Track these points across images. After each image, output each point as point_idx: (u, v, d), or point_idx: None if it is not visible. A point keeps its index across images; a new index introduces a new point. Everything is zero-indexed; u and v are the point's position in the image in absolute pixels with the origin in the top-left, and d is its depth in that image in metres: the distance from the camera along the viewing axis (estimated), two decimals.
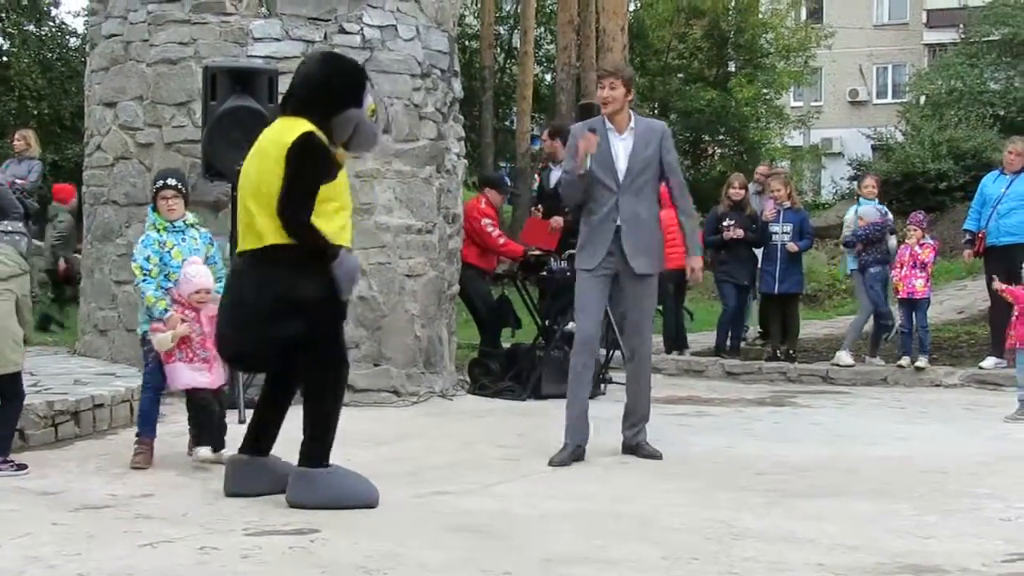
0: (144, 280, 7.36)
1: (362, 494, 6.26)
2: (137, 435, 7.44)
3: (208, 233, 7.71)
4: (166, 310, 7.23)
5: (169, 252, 7.39)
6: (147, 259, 7.37)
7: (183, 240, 7.45)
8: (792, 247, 13.19)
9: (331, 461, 6.34)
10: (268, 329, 6.15)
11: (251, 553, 5.33)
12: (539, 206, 12.64)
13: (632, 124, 7.95)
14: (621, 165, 7.84)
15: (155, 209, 7.51)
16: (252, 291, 6.20)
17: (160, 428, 7.60)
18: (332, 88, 6.33)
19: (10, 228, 7.70)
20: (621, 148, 7.86)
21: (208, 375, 7.24)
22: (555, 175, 11.69)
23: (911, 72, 40.71)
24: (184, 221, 7.52)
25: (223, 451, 7.27)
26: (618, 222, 7.80)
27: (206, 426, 7.38)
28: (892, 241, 13.15)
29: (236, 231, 6.57)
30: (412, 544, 5.51)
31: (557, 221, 11.61)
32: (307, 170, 6.11)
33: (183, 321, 7.15)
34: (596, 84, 8.17)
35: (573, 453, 7.83)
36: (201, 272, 7.24)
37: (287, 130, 6.19)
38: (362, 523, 5.94)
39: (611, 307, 8.89)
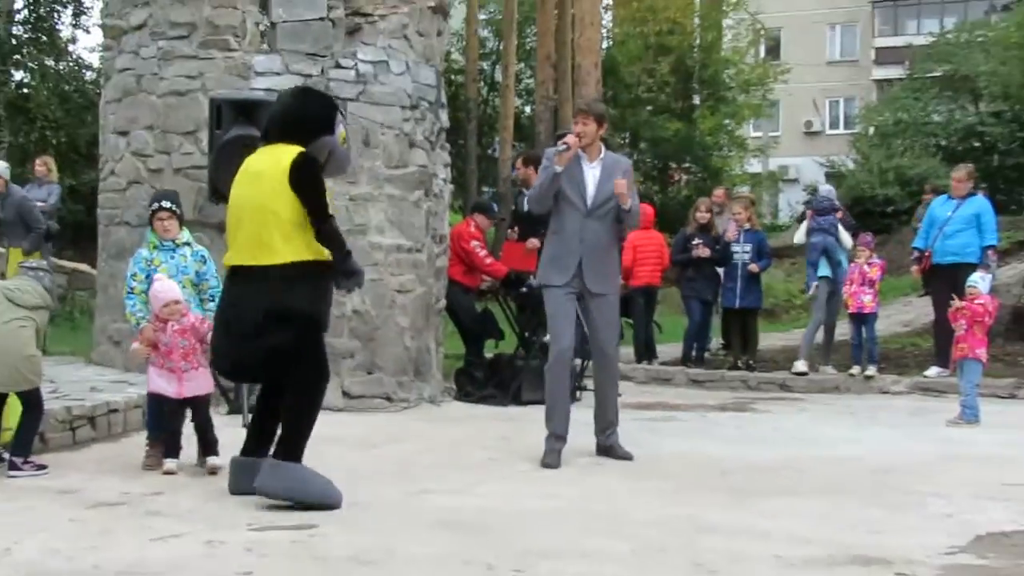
0: (128, 296, 7.41)
1: (325, 494, 6.18)
2: (147, 439, 7.44)
3: (201, 251, 7.66)
4: (138, 324, 7.27)
5: (156, 269, 7.36)
6: (133, 276, 7.39)
7: (172, 258, 7.42)
8: (753, 268, 13.27)
9: (309, 460, 6.31)
10: (257, 339, 6.16)
11: (254, 547, 5.33)
12: (514, 228, 12.67)
13: (601, 156, 7.99)
14: (590, 191, 7.86)
15: (152, 228, 7.50)
16: (246, 306, 6.21)
17: None
18: (308, 118, 6.38)
19: (34, 265, 7.67)
20: (590, 176, 7.89)
21: (174, 385, 7.16)
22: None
23: (861, 105, 40.95)
24: (175, 241, 7.48)
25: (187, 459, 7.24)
26: (582, 244, 7.83)
27: (169, 437, 7.25)
28: (845, 236, 13.18)
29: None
30: (402, 538, 5.52)
31: (532, 243, 11.60)
32: (317, 183, 6.21)
33: (155, 331, 7.12)
34: (572, 119, 8.18)
35: (559, 448, 7.83)
36: (165, 287, 7.17)
37: (281, 155, 6.22)
38: (356, 519, 5.94)
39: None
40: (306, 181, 6.16)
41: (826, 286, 13.09)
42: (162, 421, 7.37)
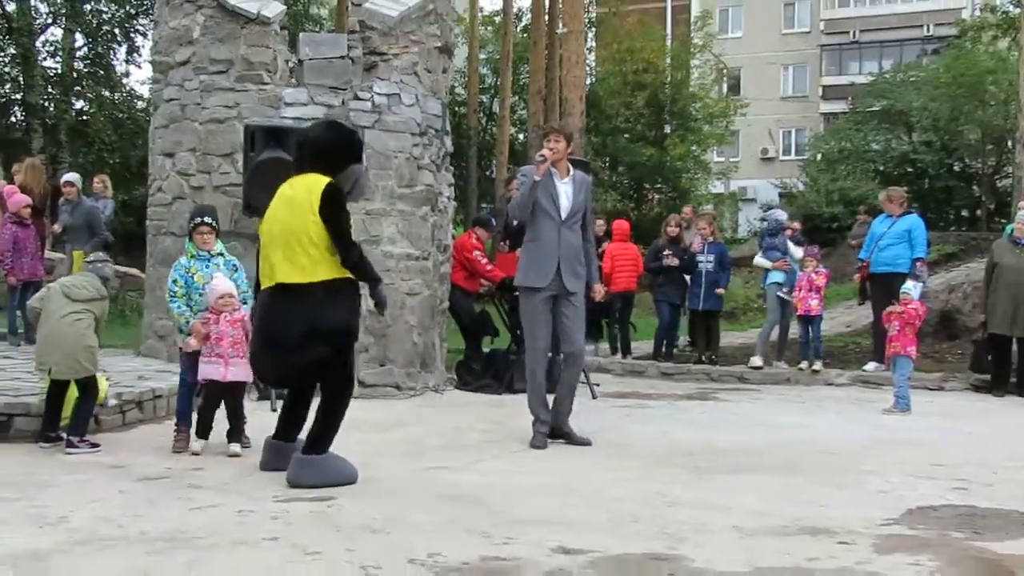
0: (172, 299, 7.27)
1: (346, 474, 6.14)
2: (176, 425, 7.33)
3: (233, 260, 7.52)
4: (187, 322, 7.17)
5: (193, 276, 7.25)
6: (174, 282, 7.26)
7: (207, 267, 7.28)
8: (720, 291, 13.36)
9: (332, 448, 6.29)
10: (295, 355, 6.06)
11: (280, 515, 5.32)
12: (506, 241, 12.69)
13: (571, 173, 7.97)
14: (564, 203, 7.83)
15: (191, 240, 7.38)
16: (284, 322, 6.07)
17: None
18: (339, 149, 6.30)
19: (93, 258, 7.62)
20: (562, 190, 7.86)
21: (221, 369, 7.06)
22: None
23: (810, 135, 40.88)
24: (211, 252, 7.35)
25: (207, 442, 7.15)
26: (559, 249, 7.79)
27: (202, 419, 7.18)
28: (795, 250, 13.18)
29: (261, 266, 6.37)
30: (410, 509, 5.51)
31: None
32: (343, 214, 6.12)
33: (203, 325, 7.07)
34: (543, 138, 8.09)
35: (545, 431, 7.79)
36: (221, 282, 7.14)
37: (314, 184, 6.11)
38: (370, 492, 5.93)
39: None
40: (334, 213, 6.05)
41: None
42: (190, 410, 7.28)
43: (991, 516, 5.72)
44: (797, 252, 13.12)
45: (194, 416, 7.26)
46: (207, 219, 7.37)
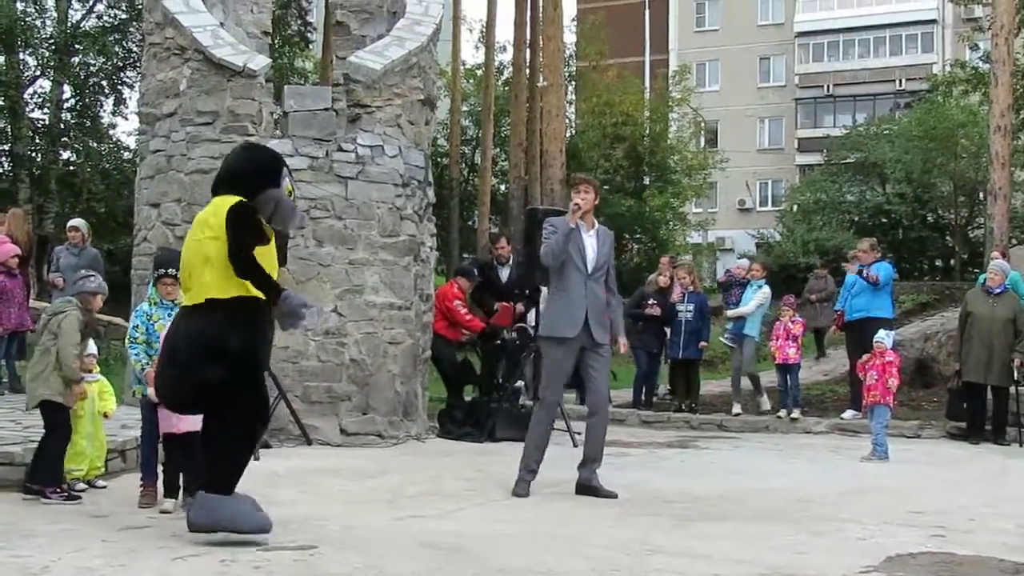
0: (131, 345, 6.91)
1: (247, 522, 5.70)
2: (141, 479, 6.93)
3: None
4: (143, 369, 6.77)
5: (154, 324, 6.86)
6: (135, 328, 6.93)
7: (169, 315, 6.69)
8: (703, 345, 13.40)
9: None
10: (188, 374, 5.74)
11: (262, 565, 5.26)
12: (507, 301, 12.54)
13: (595, 227, 7.94)
14: (590, 255, 7.77)
15: (155, 287, 7.02)
16: (184, 340, 5.80)
17: None
18: (253, 171, 5.96)
19: (78, 276, 7.56)
20: (588, 243, 7.79)
21: (173, 419, 6.59)
22: (504, 272, 12.64)
23: (786, 186, 41.20)
24: (175, 301, 6.77)
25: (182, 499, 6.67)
26: (586, 300, 7.74)
27: (170, 475, 6.76)
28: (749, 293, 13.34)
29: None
30: (391, 558, 5.46)
31: (520, 307, 12.07)
32: (244, 227, 5.76)
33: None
34: (572, 189, 7.97)
35: (530, 480, 7.71)
36: None
37: (221, 205, 5.85)
38: (352, 541, 5.87)
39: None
40: (231, 223, 5.72)
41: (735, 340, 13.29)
42: (155, 460, 6.92)
43: (969, 563, 5.71)
44: (748, 295, 13.26)
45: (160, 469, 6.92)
46: (171, 271, 6.84)
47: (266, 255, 5.88)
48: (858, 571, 5.42)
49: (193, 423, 6.42)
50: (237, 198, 5.85)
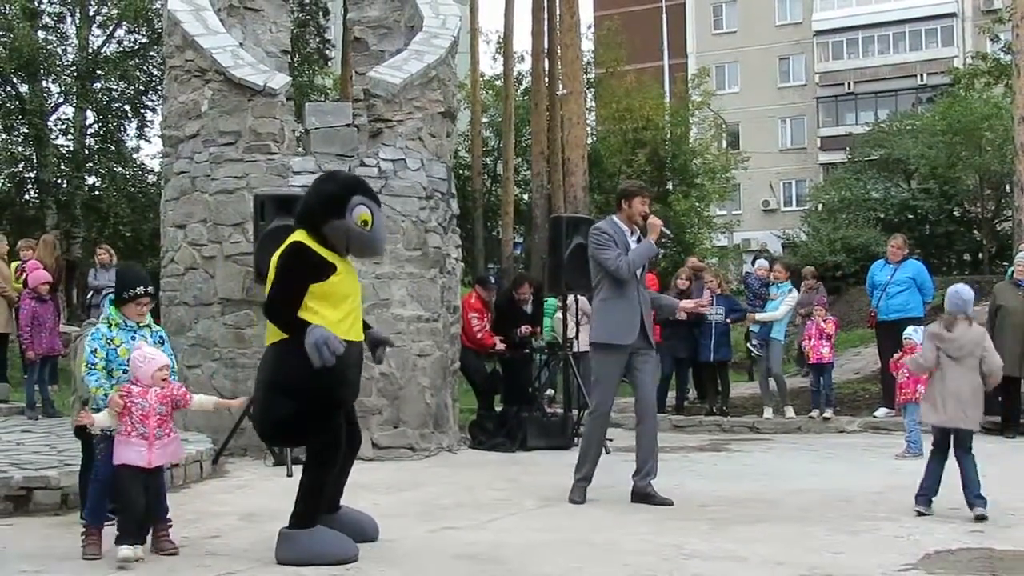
0: (90, 372, 6.00)
1: (333, 554, 5.68)
2: (85, 525, 6.11)
3: (160, 331, 6.36)
4: (106, 395, 5.89)
5: (116, 349, 6.04)
6: (94, 352, 6.02)
7: (133, 338, 6.07)
8: (722, 320, 13.27)
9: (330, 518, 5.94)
10: (266, 410, 5.87)
11: None
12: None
13: (635, 232, 7.97)
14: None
15: (118, 307, 6.14)
16: (259, 376, 5.99)
17: (225, 481, 7.45)
18: (316, 203, 5.95)
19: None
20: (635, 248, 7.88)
21: (144, 452, 5.83)
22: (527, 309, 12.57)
23: (810, 186, 41.03)
24: (140, 323, 6.18)
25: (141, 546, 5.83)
26: (641, 306, 7.75)
27: (127, 517, 5.84)
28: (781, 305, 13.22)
29: None
30: (430, 570, 5.47)
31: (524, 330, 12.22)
32: (287, 272, 5.77)
33: (123, 397, 5.83)
34: (633, 199, 7.90)
35: (585, 487, 7.71)
36: (157, 352, 6.03)
37: (286, 242, 5.94)
38: (389, 555, 5.88)
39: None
40: (279, 266, 5.79)
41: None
42: (104, 507, 6.09)
43: (1009, 558, 5.67)
44: (778, 298, 13.17)
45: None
46: (150, 289, 6.23)
47: (340, 284, 5.86)
48: (897, 569, 5.39)
49: (166, 456, 6.06)
50: (300, 235, 5.89)
